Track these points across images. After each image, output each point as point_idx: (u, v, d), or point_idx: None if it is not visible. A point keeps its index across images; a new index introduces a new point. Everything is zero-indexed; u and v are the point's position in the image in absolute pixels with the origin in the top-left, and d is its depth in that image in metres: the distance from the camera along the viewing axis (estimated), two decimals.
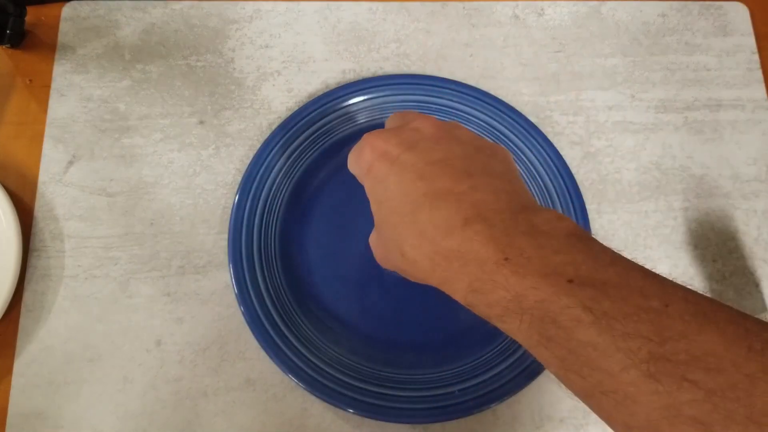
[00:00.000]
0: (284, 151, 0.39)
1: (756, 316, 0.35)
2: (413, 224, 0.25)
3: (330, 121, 0.40)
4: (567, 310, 0.20)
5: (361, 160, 0.28)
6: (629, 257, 0.41)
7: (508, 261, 0.22)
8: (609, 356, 0.19)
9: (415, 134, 0.27)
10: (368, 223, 0.39)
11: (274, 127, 0.41)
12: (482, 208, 0.24)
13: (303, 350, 0.35)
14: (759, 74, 0.44)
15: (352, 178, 0.40)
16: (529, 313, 0.21)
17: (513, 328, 0.22)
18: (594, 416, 0.36)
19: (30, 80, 0.42)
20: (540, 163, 0.40)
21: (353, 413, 0.34)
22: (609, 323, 0.20)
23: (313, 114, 0.40)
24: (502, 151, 0.29)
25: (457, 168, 0.26)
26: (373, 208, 0.28)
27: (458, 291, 0.24)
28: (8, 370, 0.36)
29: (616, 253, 0.23)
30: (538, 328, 0.21)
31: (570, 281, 0.21)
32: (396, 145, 0.27)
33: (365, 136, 0.28)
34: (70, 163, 0.40)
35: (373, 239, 0.30)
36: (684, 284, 0.21)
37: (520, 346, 0.36)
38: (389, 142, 0.27)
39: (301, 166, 0.39)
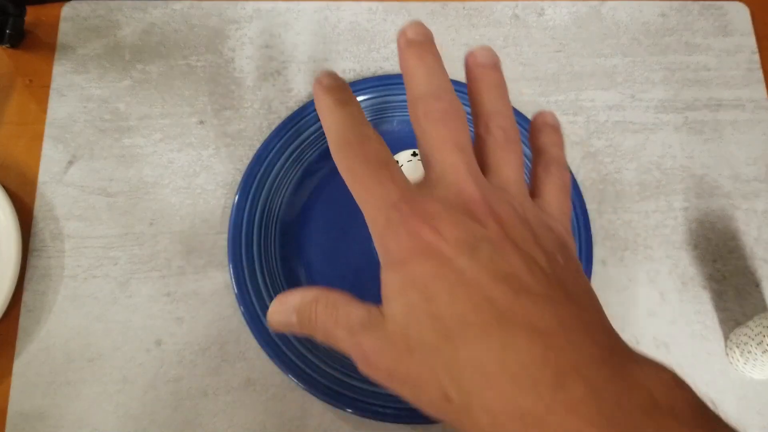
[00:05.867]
0: (284, 152, 0.39)
1: (755, 316, 0.35)
2: (471, 359, 0.18)
3: None
4: None
5: (391, 241, 0.21)
6: (630, 258, 0.41)
7: None
8: None
9: (479, 229, 0.20)
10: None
11: (274, 127, 0.41)
12: (578, 358, 0.17)
13: (303, 350, 0.35)
14: (759, 74, 0.44)
15: None
16: None
17: None
18: None
19: (30, 80, 0.42)
20: None
21: (353, 413, 0.34)
22: None
23: (312, 114, 0.40)
24: (571, 256, 0.22)
25: (535, 290, 0.19)
26: (396, 311, 0.20)
27: None
28: (8, 370, 0.36)
29: None
30: None
31: None
32: (452, 242, 0.19)
33: (403, 205, 0.21)
34: (70, 163, 0.40)
35: (374, 344, 0.21)
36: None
37: None
38: (441, 234, 0.20)
39: (301, 166, 0.39)
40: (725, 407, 0.36)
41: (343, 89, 0.24)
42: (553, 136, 0.26)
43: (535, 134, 0.27)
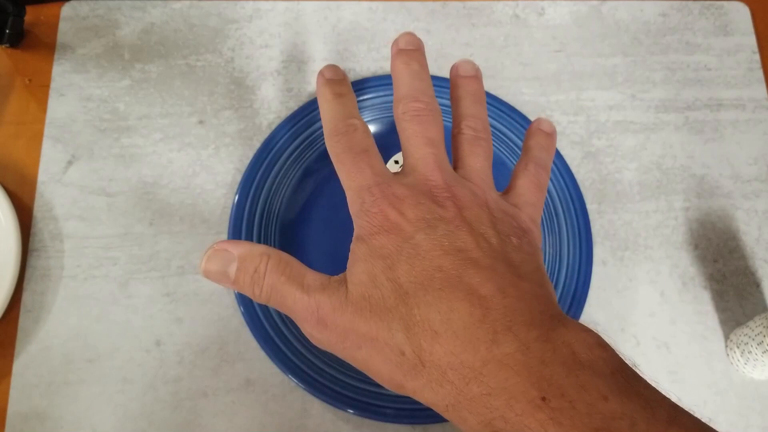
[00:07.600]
0: (284, 151, 0.39)
1: (756, 316, 0.35)
2: (422, 319, 0.21)
3: None
4: None
5: (364, 219, 0.24)
6: (630, 258, 0.41)
7: (546, 403, 0.18)
8: None
9: (437, 210, 0.24)
10: None
11: (273, 126, 0.40)
12: (513, 321, 0.20)
13: (302, 350, 0.35)
14: (760, 74, 0.44)
15: None
16: None
17: None
18: None
19: (29, 80, 0.42)
20: None
21: (353, 413, 0.34)
22: None
23: (312, 114, 0.40)
24: (529, 241, 0.25)
25: (481, 263, 0.22)
26: (361, 275, 0.23)
27: (470, 424, 0.20)
28: (7, 371, 0.35)
29: (667, 398, 0.19)
30: None
31: None
32: (412, 221, 0.23)
33: (375, 189, 0.24)
34: (70, 163, 0.40)
35: (335, 303, 0.23)
36: None
37: None
38: (404, 214, 0.23)
39: (301, 166, 0.39)
40: (726, 407, 0.36)
41: (341, 82, 0.29)
42: (542, 140, 0.30)
43: (527, 138, 0.30)
